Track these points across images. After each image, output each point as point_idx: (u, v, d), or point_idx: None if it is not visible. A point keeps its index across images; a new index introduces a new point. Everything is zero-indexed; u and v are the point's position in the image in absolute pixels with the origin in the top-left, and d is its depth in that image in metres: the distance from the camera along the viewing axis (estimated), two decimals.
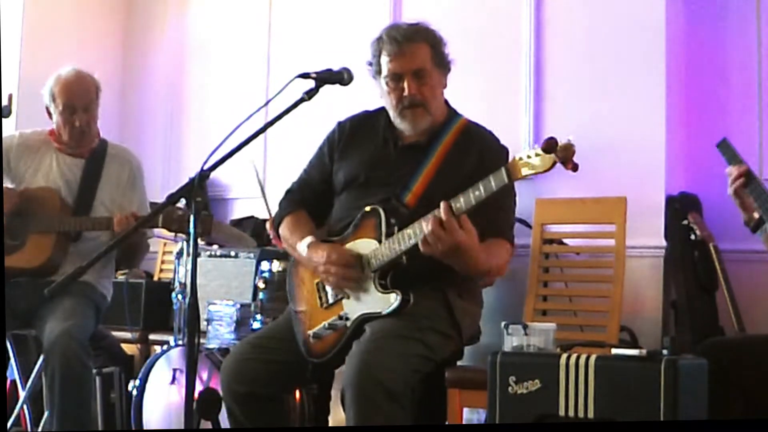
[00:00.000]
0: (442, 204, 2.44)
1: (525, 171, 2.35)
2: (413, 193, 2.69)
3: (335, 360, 2.68)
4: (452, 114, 2.85)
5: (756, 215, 2.77)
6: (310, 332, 2.70)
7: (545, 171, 2.33)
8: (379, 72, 2.77)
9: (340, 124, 2.93)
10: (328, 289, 2.72)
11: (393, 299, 2.56)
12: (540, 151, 2.32)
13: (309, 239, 2.73)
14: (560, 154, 2.29)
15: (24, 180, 3.42)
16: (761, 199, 2.76)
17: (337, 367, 2.80)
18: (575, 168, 2.31)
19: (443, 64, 2.79)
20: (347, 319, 2.64)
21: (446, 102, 2.87)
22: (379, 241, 2.61)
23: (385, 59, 2.74)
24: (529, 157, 2.35)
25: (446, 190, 2.51)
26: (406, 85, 2.72)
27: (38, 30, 5.10)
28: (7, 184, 3.43)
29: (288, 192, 2.93)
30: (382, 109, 2.85)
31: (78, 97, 3.39)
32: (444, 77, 2.81)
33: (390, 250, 2.57)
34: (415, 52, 2.73)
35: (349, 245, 2.70)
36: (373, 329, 2.55)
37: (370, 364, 2.44)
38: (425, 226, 2.45)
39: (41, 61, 4.94)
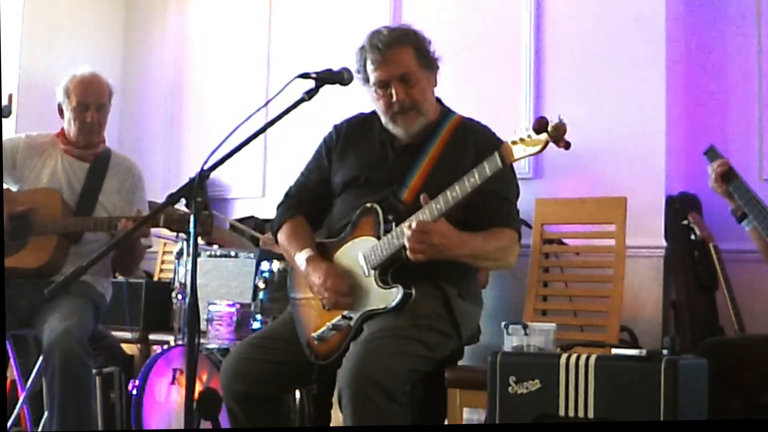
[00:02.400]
0: (415, 220, 2.47)
1: (518, 153, 2.34)
2: (410, 190, 2.69)
3: (339, 361, 2.68)
4: (446, 112, 2.84)
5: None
6: (314, 334, 2.69)
7: (539, 152, 2.32)
8: (367, 80, 2.76)
9: (336, 126, 2.92)
10: None
11: (395, 294, 2.55)
12: (532, 132, 2.31)
13: (307, 253, 2.72)
14: (552, 133, 2.28)
15: (28, 181, 3.43)
16: (745, 197, 2.79)
17: (339, 367, 2.80)
18: (567, 146, 2.30)
19: (429, 64, 2.77)
20: (350, 318, 2.63)
21: (439, 100, 2.86)
22: (378, 238, 2.61)
23: (370, 67, 2.72)
24: (522, 139, 2.34)
25: (443, 186, 2.50)
26: (393, 91, 2.70)
27: (38, 30, 5.10)
28: (11, 185, 3.43)
29: (286, 196, 2.92)
30: None
31: (92, 96, 3.42)
32: (433, 76, 2.78)
33: (389, 246, 2.56)
34: (399, 57, 2.70)
35: (348, 244, 2.70)
36: (370, 329, 2.55)
37: (366, 363, 2.43)
38: (407, 230, 2.47)
39: (41, 61, 4.95)
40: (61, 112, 3.46)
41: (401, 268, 2.58)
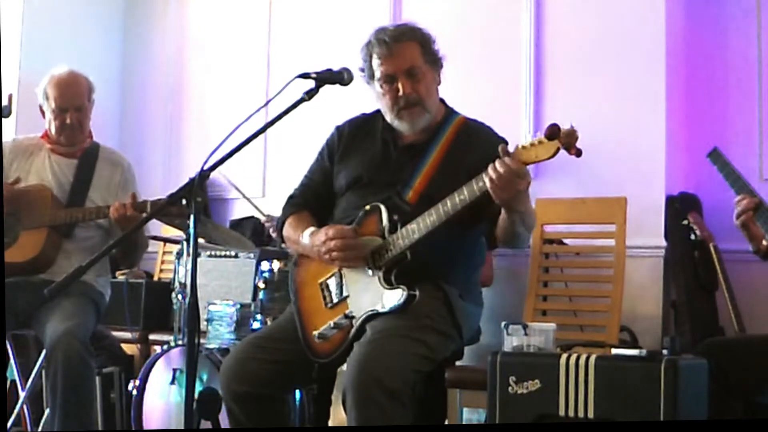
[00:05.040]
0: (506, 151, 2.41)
1: (529, 159, 2.35)
2: (414, 191, 2.69)
3: (340, 359, 2.68)
4: (449, 112, 2.85)
5: (766, 243, 2.74)
6: (316, 332, 2.69)
7: (549, 158, 2.32)
8: (372, 76, 2.76)
9: (338, 128, 2.93)
10: (332, 288, 2.71)
11: (399, 295, 2.55)
12: (543, 138, 2.31)
13: (311, 229, 2.74)
14: (564, 139, 2.28)
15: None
16: None
17: (340, 365, 2.80)
18: (579, 153, 2.30)
19: (435, 61, 2.78)
20: (353, 317, 2.63)
21: (442, 100, 2.86)
22: (383, 238, 2.61)
23: (376, 62, 2.73)
24: (532, 144, 2.34)
25: (448, 187, 2.51)
26: (400, 85, 2.71)
27: (38, 30, 5.10)
28: None
29: (290, 198, 2.92)
30: (380, 111, 2.85)
31: (71, 97, 3.42)
32: (437, 74, 2.79)
33: (394, 246, 2.57)
34: (405, 51, 2.72)
35: None
36: (373, 329, 2.55)
37: (370, 364, 2.43)
38: (493, 173, 2.39)
39: (41, 62, 4.93)
40: (42, 113, 3.47)
41: (403, 268, 2.58)
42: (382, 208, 2.64)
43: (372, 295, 2.61)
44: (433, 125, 2.78)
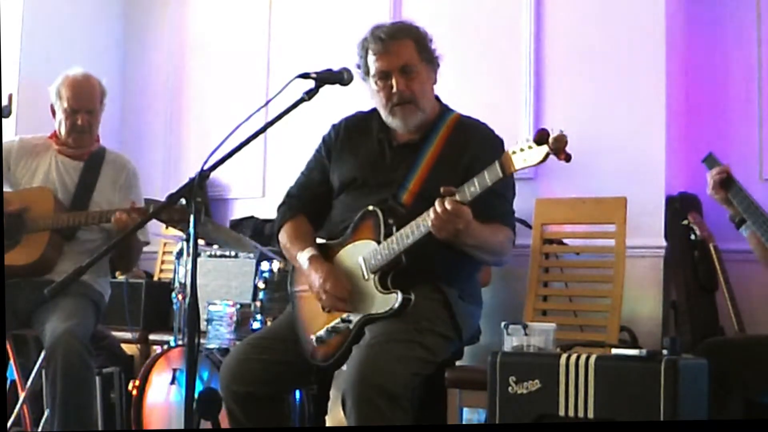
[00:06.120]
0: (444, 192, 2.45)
1: (519, 164, 2.35)
2: (410, 192, 2.69)
3: (338, 363, 2.68)
4: (444, 110, 2.84)
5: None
6: (314, 336, 2.69)
7: (539, 163, 2.33)
8: (367, 72, 2.77)
9: (334, 126, 2.92)
10: None
11: (395, 299, 2.55)
12: (532, 144, 2.32)
13: (309, 252, 2.72)
14: (553, 145, 2.29)
15: (22, 184, 3.44)
16: (744, 203, 2.78)
17: (337, 368, 2.80)
18: (568, 158, 2.30)
19: (430, 60, 2.78)
20: (350, 321, 2.63)
21: (437, 98, 2.86)
22: (378, 242, 2.61)
23: (371, 58, 2.74)
24: (522, 150, 2.35)
25: (443, 187, 2.51)
26: (394, 81, 2.71)
27: (38, 30, 5.10)
28: (6, 188, 3.43)
29: (287, 195, 2.92)
30: (376, 110, 2.85)
31: (83, 100, 3.42)
32: (433, 73, 2.79)
33: (389, 251, 2.57)
34: (401, 48, 2.72)
35: (348, 247, 2.70)
36: (372, 333, 2.54)
37: (370, 369, 2.43)
38: (432, 213, 2.45)
39: (41, 61, 4.94)
40: (53, 112, 3.47)
41: (401, 271, 2.58)
42: (378, 212, 2.64)
43: (368, 299, 2.61)
44: (428, 123, 2.77)
